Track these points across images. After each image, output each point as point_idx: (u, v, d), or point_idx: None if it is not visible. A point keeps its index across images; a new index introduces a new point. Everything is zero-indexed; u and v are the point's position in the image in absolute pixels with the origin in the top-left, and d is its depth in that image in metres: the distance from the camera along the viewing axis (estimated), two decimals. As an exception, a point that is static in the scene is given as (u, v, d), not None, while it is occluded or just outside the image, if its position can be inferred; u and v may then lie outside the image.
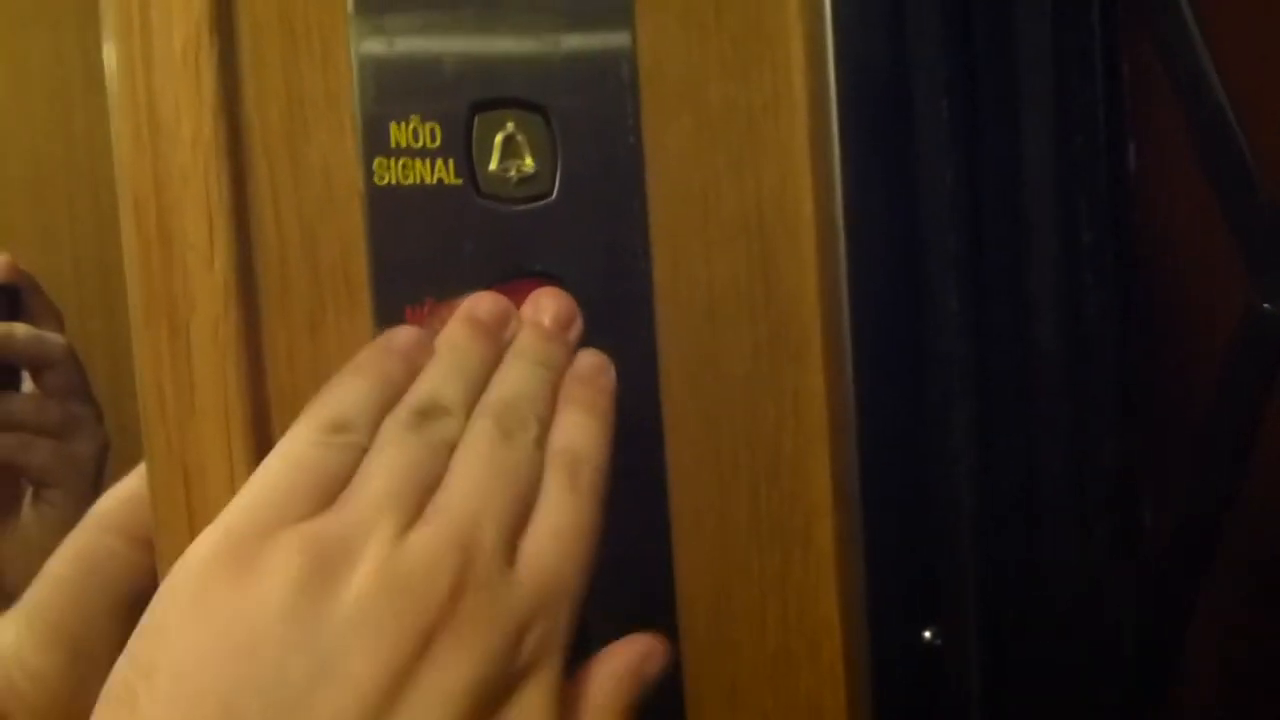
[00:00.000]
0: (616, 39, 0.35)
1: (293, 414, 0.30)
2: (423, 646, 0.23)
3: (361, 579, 0.23)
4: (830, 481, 0.40)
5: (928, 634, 0.41)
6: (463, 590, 0.24)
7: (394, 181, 0.32)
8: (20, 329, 0.46)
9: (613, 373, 0.34)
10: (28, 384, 0.48)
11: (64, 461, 0.46)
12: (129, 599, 0.37)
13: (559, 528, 0.28)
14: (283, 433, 0.30)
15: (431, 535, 0.25)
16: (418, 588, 0.24)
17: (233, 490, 0.30)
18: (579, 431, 0.31)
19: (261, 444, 0.30)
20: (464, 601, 0.24)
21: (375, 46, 0.31)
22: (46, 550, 0.45)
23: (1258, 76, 0.34)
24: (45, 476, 0.46)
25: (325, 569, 0.23)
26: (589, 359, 0.34)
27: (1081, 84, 0.38)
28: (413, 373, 0.30)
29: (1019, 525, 0.40)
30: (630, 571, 0.36)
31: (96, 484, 0.47)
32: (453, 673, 0.23)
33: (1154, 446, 0.39)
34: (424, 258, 0.32)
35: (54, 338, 0.47)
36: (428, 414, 0.28)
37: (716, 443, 0.38)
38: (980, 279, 0.39)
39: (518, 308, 0.33)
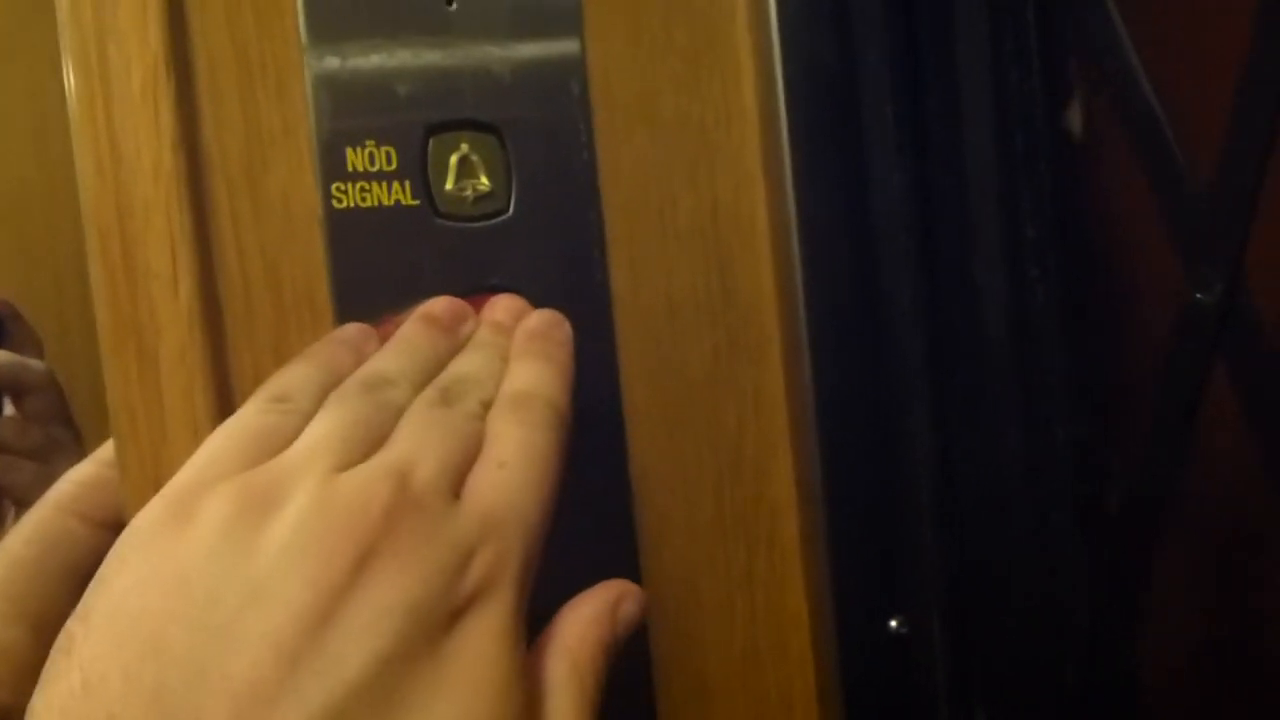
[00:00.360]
0: (567, 57, 0.36)
1: (261, 433, 0.32)
2: (357, 567, 0.22)
3: (293, 509, 0.23)
4: (793, 479, 0.41)
5: (894, 623, 0.42)
6: (399, 513, 0.23)
7: (353, 205, 0.33)
8: (2, 356, 0.47)
9: (567, 326, 0.34)
10: (9, 409, 0.49)
11: (45, 482, 0.47)
12: (86, 576, 0.38)
13: (504, 457, 0.27)
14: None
15: (366, 468, 0.25)
16: (350, 509, 0.23)
17: (204, 509, 0.31)
18: (528, 375, 0.30)
19: (231, 463, 0.31)
20: (400, 523, 0.23)
21: (329, 75, 0.32)
22: None
23: (1185, 71, 0.35)
24: (27, 496, 0.47)
25: (258, 506, 0.23)
26: (541, 315, 0.34)
27: (1020, 85, 0.39)
28: (359, 362, 0.30)
29: (979, 513, 0.41)
30: (597, 574, 0.37)
31: None
32: (388, 591, 0.22)
33: (1107, 435, 0.40)
34: (385, 277, 0.33)
35: (35, 364, 0.48)
36: (373, 386, 0.28)
37: (679, 445, 0.39)
38: (932, 276, 0.40)
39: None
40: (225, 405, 0.31)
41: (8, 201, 0.83)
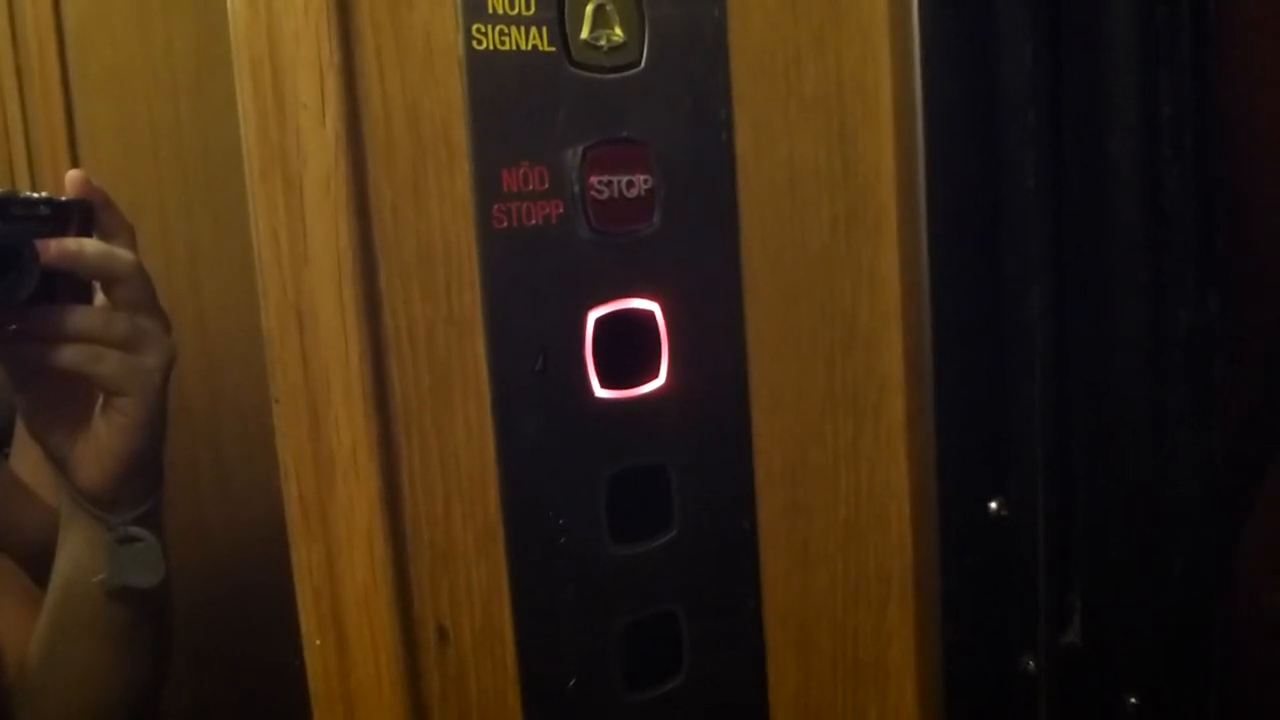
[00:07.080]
0: (703, -87, 0.36)
1: (398, 269, 0.32)
2: None
3: None
4: (903, 355, 0.41)
5: (994, 505, 0.42)
6: None
7: (492, 47, 0.33)
8: (90, 245, 0.47)
9: None
10: (99, 298, 0.49)
11: (132, 372, 0.47)
12: None
13: None
14: (389, 286, 0.32)
15: None
16: None
17: (344, 335, 0.31)
18: None
19: (370, 294, 0.31)
20: None
21: (475, -89, 0.32)
22: (116, 454, 0.48)
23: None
24: (114, 386, 0.47)
25: None
26: None
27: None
28: None
29: (1091, 398, 0.41)
30: (710, 437, 0.38)
31: (163, 393, 0.49)
32: None
33: (1233, 322, 0.39)
34: (519, 122, 0.33)
35: (123, 254, 0.48)
36: None
37: (794, 316, 0.39)
38: (1059, 152, 0.39)
39: (608, 173, 0.34)
40: (365, 236, 0.32)
41: (109, 81, 0.84)
